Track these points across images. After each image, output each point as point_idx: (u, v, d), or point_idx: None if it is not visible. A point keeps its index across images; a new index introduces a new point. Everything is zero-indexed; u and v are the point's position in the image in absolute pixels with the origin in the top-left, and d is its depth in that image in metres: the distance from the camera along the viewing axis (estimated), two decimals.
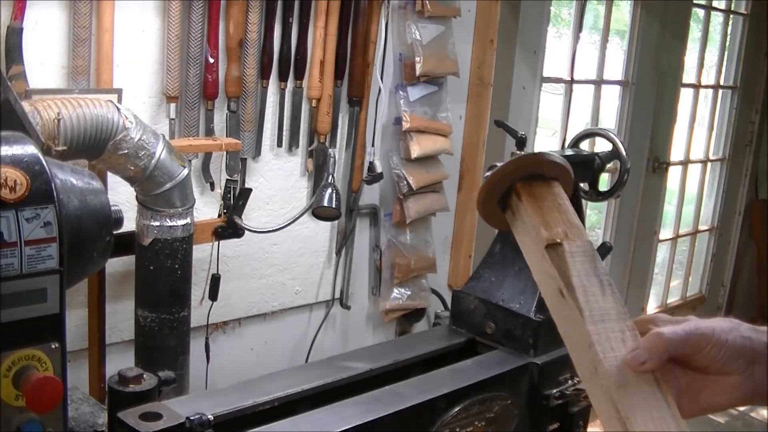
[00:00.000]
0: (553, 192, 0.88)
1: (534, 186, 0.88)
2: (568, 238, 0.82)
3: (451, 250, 3.04)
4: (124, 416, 1.21)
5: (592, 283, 0.80)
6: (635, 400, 0.72)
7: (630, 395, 0.73)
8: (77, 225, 1.18)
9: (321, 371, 1.62)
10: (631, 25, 3.92)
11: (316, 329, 2.60)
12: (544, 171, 0.89)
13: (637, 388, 0.73)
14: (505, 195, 0.90)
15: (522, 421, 1.72)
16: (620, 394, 0.73)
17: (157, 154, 1.70)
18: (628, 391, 0.73)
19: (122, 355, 2.02)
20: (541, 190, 0.87)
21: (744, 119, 4.89)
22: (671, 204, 4.62)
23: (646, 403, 0.72)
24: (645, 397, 0.73)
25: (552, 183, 0.89)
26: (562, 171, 0.90)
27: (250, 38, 2.13)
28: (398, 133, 2.62)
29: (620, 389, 0.73)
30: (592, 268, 0.81)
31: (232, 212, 2.12)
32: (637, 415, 0.71)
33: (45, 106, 1.55)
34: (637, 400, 0.72)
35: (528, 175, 0.88)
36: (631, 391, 0.73)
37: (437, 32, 2.62)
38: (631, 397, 0.72)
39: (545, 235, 0.82)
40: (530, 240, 0.85)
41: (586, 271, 0.80)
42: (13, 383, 1.09)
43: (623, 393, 0.73)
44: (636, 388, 0.73)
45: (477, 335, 1.86)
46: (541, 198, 0.86)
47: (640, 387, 0.73)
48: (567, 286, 0.79)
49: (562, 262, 0.80)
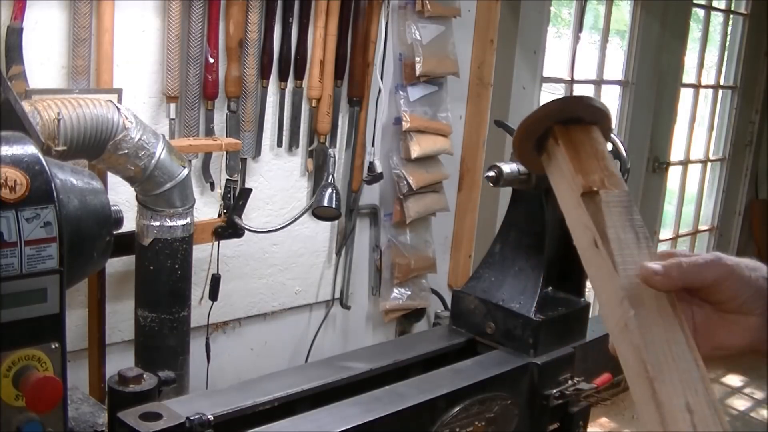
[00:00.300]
0: (592, 137, 0.83)
1: (572, 130, 0.83)
2: (605, 187, 0.78)
3: (451, 250, 3.04)
4: (124, 416, 1.21)
5: (627, 235, 0.76)
6: (664, 360, 0.70)
7: (659, 355, 0.70)
8: (77, 225, 1.18)
9: (321, 371, 1.62)
10: (631, 25, 3.92)
11: (316, 329, 2.60)
12: (584, 115, 0.84)
13: (667, 347, 0.71)
14: (542, 137, 0.85)
15: (522, 421, 1.72)
16: (650, 353, 0.70)
17: (157, 154, 1.70)
18: (657, 351, 0.71)
19: (122, 355, 2.02)
20: (580, 135, 0.83)
21: (744, 119, 4.89)
22: (671, 204, 4.62)
23: (675, 363, 0.70)
24: (674, 357, 0.71)
25: (591, 128, 0.84)
26: (602, 116, 0.85)
27: (250, 38, 2.13)
28: (398, 133, 2.62)
29: (650, 348, 0.70)
30: (629, 219, 0.78)
31: (232, 212, 2.12)
32: (665, 375, 0.69)
33: (45, 106, 1.55)
34: (666, 360, 0.70)
35: (567, 118, 0.84)
36: (660, 351, 0.71)
37: (437, 32, 2.62)
38: (660, 357, 0.70)
39: (582, 182, 0.79)
40: (566, 186, 0.81)
41: (622, 223, 0.77)
42: (13, 383, 1.09)
43: (653, 352, 0.70)
44: (666, 347, 0.71)
45: (477, 335, 1.86)
46: (579, 143, 0.82)
47: (670, 347, 0.71)
48: (602, 237, 0.76)
49: (597, 211, 0.77)
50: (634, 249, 0.76)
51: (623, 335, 0.73)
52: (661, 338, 0.72)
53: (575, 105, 0.85)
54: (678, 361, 0.71)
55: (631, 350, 0.72)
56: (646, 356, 0.70)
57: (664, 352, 0.71)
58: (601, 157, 0.82)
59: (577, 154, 0.81)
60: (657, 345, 0.71)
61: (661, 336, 0.72)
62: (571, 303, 1.78)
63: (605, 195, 0.78)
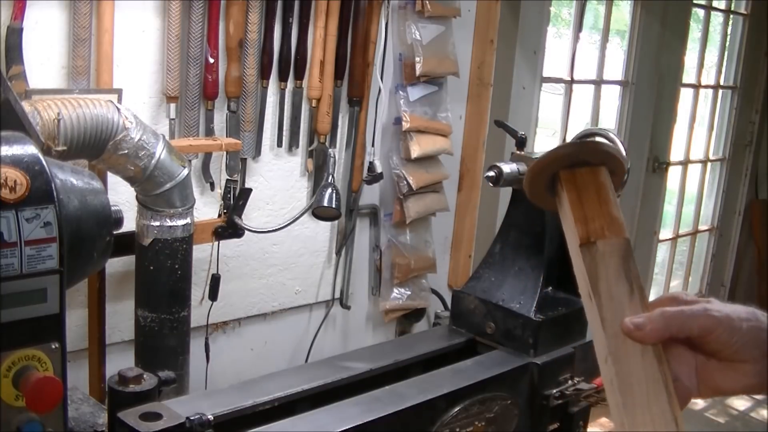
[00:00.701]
0: (598, 181, 0.82)
1: (578, 174, 0.82)
2: (604, 236, 0.78)
3: (451, 250, 3.04)
4: (124, 416, 1.21)
5: (620, 288, 0.77)
6: (641, 421, 0.72)
7: (637, 415, 0.72)
8: (77, 225, 1.18)
9: (321, 371, 1.62)
10: (631, 25, 3.92)
11: (316, 329, 2.60)
12: (593, 159, 0.83)
13: (647, 407, 0.72)
14: (553, 178, 0.85)
15: (522, 421, 1.72)
16: (628, 413, 0.72)
17: (157, 154, 1.70)
18: (635, 411, 0.72)
19: (122, 355, 2.02)
20: (586, 179, 0.82)
21: (744, 119, 4.89)
22: (671, 204, 4.62)
23: (652, 423, 0.72)
24: (653, 417, 0.72)
25: (598, 170, 0.83)
26: (608, 157, 0.84)
27: (250, 38, 2.13)
28: (398, 133, 2.62)
29: (628, 409, 0.72)
30: (625, 269, 0.78)
31: (232, 212, 2.12)
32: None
33: (45, 106, 1.55)
34: (644, 420, 0.72)
35: (575, 162, 0.83)
36: (639, 411, 0.73)
37: (437, 32, 2.62)
38: (638, 416, 0.72)
39: (580, 233, 0.79)
40: (570, 233, 0.81)
41: (617, 275, 0.77)
42: (13, 383, 1.09)
43: (630, 413, 0.72)
44: (645, 408, 0.73)
45: (477, 335, 1.86)
46: (583, 188, 0.81)
47: (650, 407, 0.72)
48: (594, 290, 0.76)
49: (593, 263, 0.78)
50: (626, 302, 0.77)
51: (608, 390, 0.75)
52: (641, 397, 0.73)
53: (584, 151, 0.83)
54: (656, 421, 0.72)
55: (614, 406, 0.74)
56: (624, 417, 0.72)
57: (642, 411, 0.72)
58: (604, 201, 0.81)
59: (579, 201, 0.81)
60: (636, 405, 0.73)
61: (641, 394, 0.73)
62: (571, 303, 1.78)
63: (602, 246, 0.78)
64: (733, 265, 5.17)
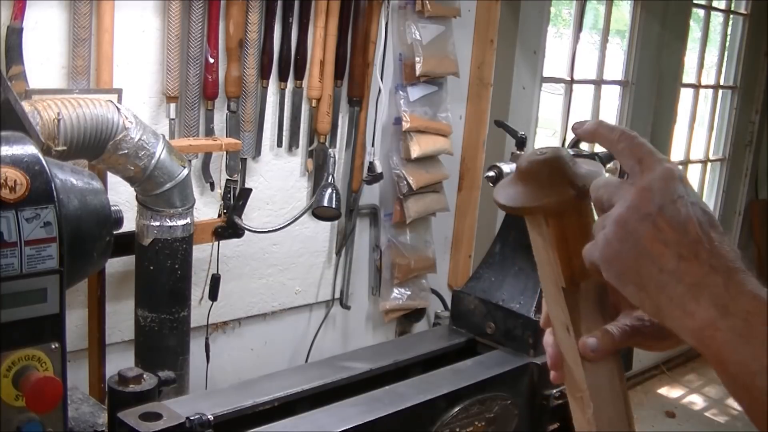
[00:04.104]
0: (580, 210, 0.76)
1: (565, 216, 0.77)
2: (585, 275, 0.75)
3: (451, 250, 3.04)
4: (124, 416, 1.22)
5: (596, 322, 0.76)
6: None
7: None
8: (77, 225, 1.18)
9: (321, 371, 1.62)
10: (631, 25, 3.92)
11: (316, 329, 2.60)
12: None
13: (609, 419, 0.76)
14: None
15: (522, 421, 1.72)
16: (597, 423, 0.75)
17: (157, 154, 1.70)
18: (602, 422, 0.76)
19: (122, 355, 2.02)
20: (570, 219, 0.77)
21: (744, 119, 4.89)
22: None
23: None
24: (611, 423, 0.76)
25: (583, 206, 0.77)
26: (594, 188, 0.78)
27: (250, 38, 2.13)
28: (398, 133, 2.62)
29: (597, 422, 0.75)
30: (601, 304, 0.78)
31: (232, 212, 2.12)
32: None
33: (45, 106, 1.55)
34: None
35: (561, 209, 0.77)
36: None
37: (437, 32, 2.62)
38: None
39: (565, 274, 0.76)
40: (547, 266, 0.78)
41: (594, 311, 0.77)
42: (13, 383, 1.09)
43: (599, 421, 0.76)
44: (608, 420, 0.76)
45: (477, 335, 1.86)
46: (568, 226, 0.76)
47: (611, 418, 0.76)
48: (574, 326, 0.76)
49: (573, 301, 0.76)
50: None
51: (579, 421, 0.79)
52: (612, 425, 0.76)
53: (578, 194, 0.77)
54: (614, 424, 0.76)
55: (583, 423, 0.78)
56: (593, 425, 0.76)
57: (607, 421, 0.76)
58: (586, 233, 0.76)
59: (563, 235, 0.76)
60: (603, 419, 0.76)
61: (613, 424, 0.76)
62: None
63: (585, 284, 0.77)
64: None
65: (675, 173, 0.70)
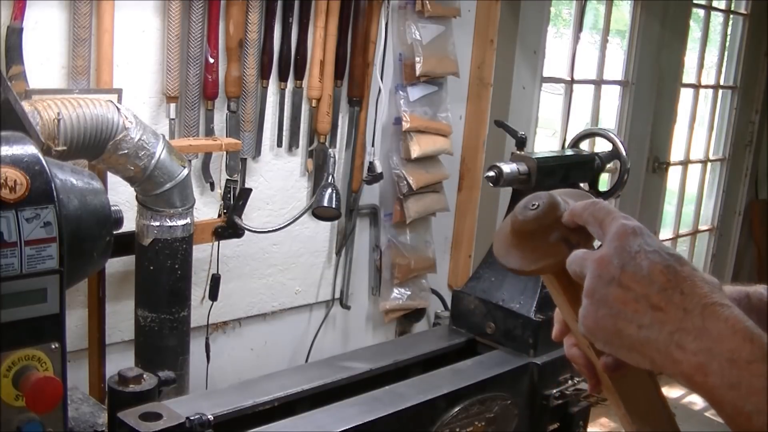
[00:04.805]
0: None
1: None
2: None
3: (451, 250, 3.04)
4: (124, 416, 1.22)
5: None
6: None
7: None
8: (77, 225, 1.18)
9: (321, 371, 1.62)
10: (631, 25, 3.92)
11: (316, 329, 2.60)
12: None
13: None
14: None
15: (522, 421, 1.72)
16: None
17: (157, 154, 1.70)
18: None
19: (122, 355, 2.02)
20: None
21: (744, 119, 4.89)
22: (671, 204, 4.62)
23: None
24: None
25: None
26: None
27: (250, 38, 2.13)
28: (398, 133, 2.62)
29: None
30: None
31: (232, 212, 2.12)
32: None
33: (45, 106, 1.55)
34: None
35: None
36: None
37: (437, 32, 2.62)
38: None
39: (577, 311, 0.75)
40: (561, 306, 0.80)
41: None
42: (13, 383, 1.09)
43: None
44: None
45: (477, 335, 1.86)
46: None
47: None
48: (595, 353, 0.76)
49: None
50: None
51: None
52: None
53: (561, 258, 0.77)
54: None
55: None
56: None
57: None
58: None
59: (570, 283, 0.77)
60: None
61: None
62: None
63: None
64: (733, 265, 5.16)
65: (628, 228, 0.70)
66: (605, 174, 2.28)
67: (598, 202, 0.75)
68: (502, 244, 0.80)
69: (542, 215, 0.76)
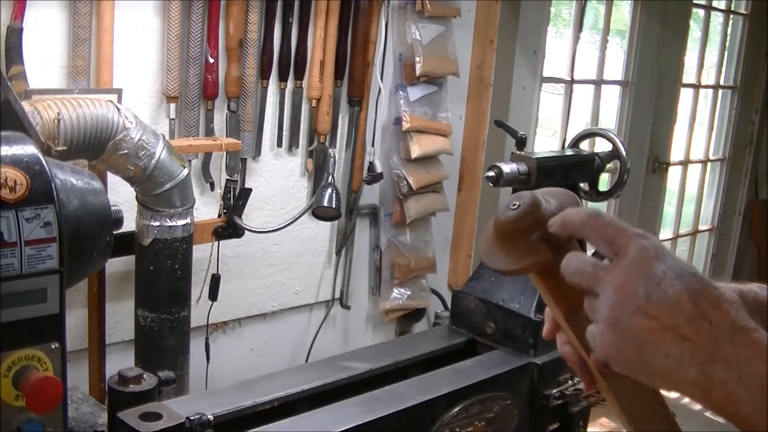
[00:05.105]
0: (562, 256, 0.77)
1: (555, 269, 0.78)
2: (582, 304, 0.76)
3: (451, 250, 3.04)
4: (124, 416, 1.22)
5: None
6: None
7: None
8: (77, 225, 1.18)
9: (321, 371, 1.62)
10: (631, 25, 3.92)
11: (316, 329, 2.60)
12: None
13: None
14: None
15: (522, 421, 1.72)
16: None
17: (157, 154, 1.70)
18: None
19: (122, 355, 2.02)
20: (549, 261, 0.78)
21: (744, 119, 4.89)
22: (671, 204, 4.62)
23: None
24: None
25: (570, 243, 0.78)
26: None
27: (250, 38, 2.13)
28: (398, 133, 2.62)
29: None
30: None
31: (232, 212, 2.12)
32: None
33: (45, 106, 1.55)
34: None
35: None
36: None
37: (437, 32, 2.62)
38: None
39: (563, 309, 0.78)
40: (548, 303, 0.81)
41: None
42: (13, 383, 1.09)
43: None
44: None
45: (477, 335, 1.86)
46: (552, 266, 0.77)
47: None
48: (586, 351, 0.76)
49: (578, 327, 0.77)
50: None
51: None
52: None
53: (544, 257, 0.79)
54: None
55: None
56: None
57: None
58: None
59: (555, 281, 0.78)
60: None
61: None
62: None
63: (584, 311, 0.77)
64: (733, 265, 5.16)
65: (650, 252, 0.67)
66: (605, 174, 2.28)
67: (599, 214, 0.73)
68: (486, 245, 0.80)
69: (522, 215, 0.76)
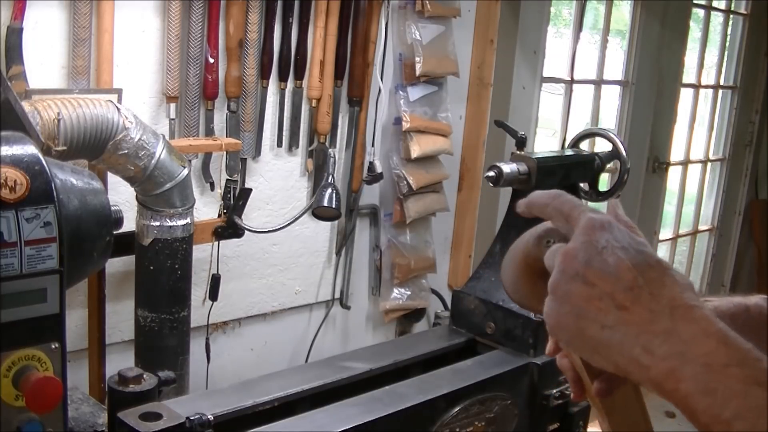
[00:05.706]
0: None
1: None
2: None
3: (451, 250, 3.04)
4: (124, 416, 1.22)
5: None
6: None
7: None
8: (77, 225, 1.18)
9: (321, 371, 1.62)
10: (631, 25, 3.92)
11: (316, 329, 2.60)
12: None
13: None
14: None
15: (522, 421, 1.72)
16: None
17: (157, 154, 1.70)
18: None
19: (122, 355, 2.02)
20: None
21: (744, 119, 4.89)
22: (671, 204, 4.62)
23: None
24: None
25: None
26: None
27: (250, 38, 2.13)
28: (398, 133, 2.62)
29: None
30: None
31: (232, 212, 2.12)
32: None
33: (45, 106, 1.55)
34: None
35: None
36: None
37: (437, 32, 2.62)
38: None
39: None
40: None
41: None
42: (13, 383, 1.09)
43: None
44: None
45: (477, 335, 1.86)
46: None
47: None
48: (588, 373, 0.77)
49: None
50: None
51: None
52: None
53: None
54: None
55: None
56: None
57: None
58: None
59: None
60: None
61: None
62: None
63: None
64: (733, 265, 5.17)
65: (596, 222, 0.66)
66: (605, 174, 2.28)
67: (561, 194, 0.72)
68: (511, 275, 0.79)
69: (520, 260, 0.77)
